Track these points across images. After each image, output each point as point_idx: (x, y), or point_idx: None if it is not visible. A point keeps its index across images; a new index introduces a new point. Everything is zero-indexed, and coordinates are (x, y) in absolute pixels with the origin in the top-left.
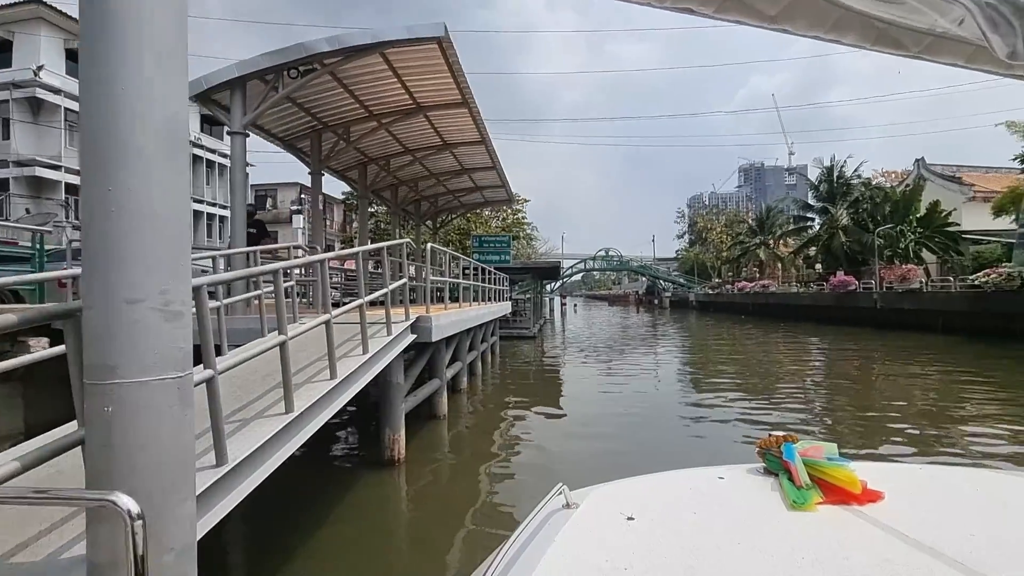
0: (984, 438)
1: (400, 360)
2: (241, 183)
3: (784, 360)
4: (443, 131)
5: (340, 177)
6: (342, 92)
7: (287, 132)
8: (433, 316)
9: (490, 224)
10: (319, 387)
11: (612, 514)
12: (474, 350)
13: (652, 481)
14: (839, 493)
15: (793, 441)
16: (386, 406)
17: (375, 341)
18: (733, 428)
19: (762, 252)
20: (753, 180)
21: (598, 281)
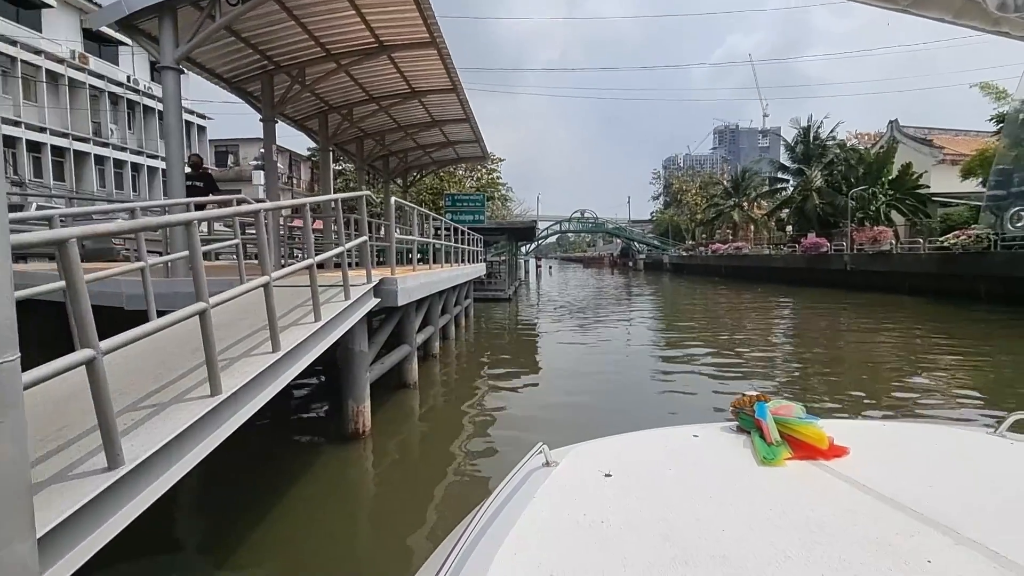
0: (938, 394)
1: (363, 326)
2: (176, 127)
3: (754, 322)
4: (410, 76)
5: (299, 127)
6: (294, 26)
7: (233, 72)
8: (399, 278)
9: (464, 184)
10: (258, 362)
11: (590, 471)
12: (447, 313)
13: (629, 439)
14: (807, 449)
15: (765, 400)
16: (348, 376)
17: (330, 307)
18: (705, 387)
19: (736, 214)
20: (727, 142)
21: (573, 243)
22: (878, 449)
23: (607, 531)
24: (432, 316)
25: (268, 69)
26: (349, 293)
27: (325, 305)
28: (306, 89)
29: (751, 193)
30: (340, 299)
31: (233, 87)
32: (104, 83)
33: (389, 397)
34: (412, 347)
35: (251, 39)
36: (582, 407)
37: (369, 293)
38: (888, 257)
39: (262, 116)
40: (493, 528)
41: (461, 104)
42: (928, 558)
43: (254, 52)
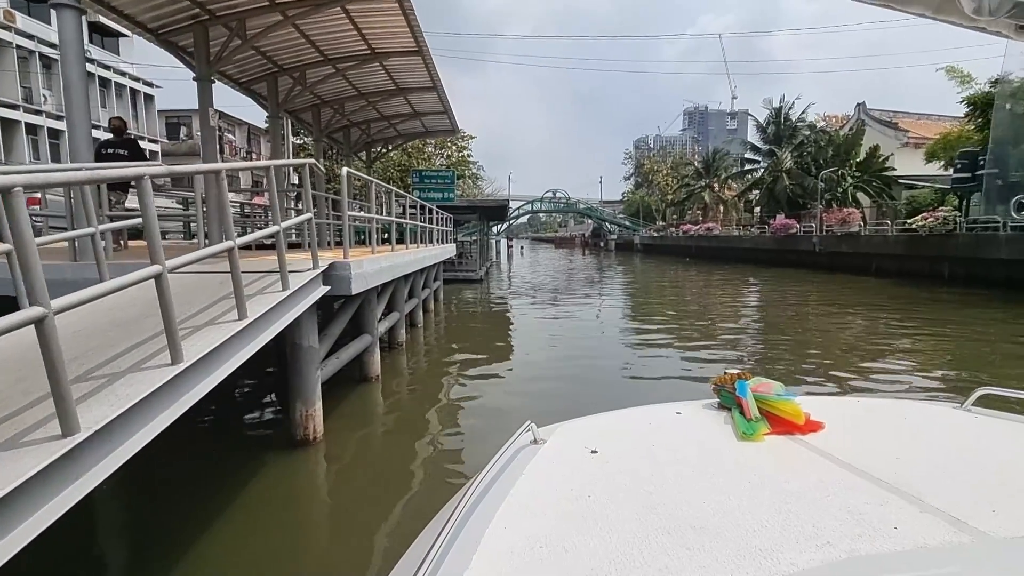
0: (905, 371)
1: (311, 318)
2: (78, 79)
3: (724, 302)
4: (370, 34)
5: (244, 90)
6: None
7: (159, 22)
8: (353, 262)
9: (434, 161)
10: (150, 379)
11: (577, 448)
12: (415, 298)
13: (614, 417)
14: (785, 424)
15: (746, 379)
16: (295, 375)
17: (263, 299)
18: (676, 368)
19: (707, 195)
20: (697, 124)
21: (544, 224)
22: (851, 424)
23: (593, 505)
24: (397, 302)
25: (201, 19)
26: (287, 282)
27: (258, 297)
28: (248, 44)
29: (722, 174)
30: (276, 289)
31: (160, 39)
32: (35, 44)
33: (347, 394)
34: (374, 337)
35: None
36: (557, 394)
37: (316, 280)
38: (856, 238)
39: (195, 75)
40: (483, 504)
41: (428, 70)
42: (895, 525)
43: None
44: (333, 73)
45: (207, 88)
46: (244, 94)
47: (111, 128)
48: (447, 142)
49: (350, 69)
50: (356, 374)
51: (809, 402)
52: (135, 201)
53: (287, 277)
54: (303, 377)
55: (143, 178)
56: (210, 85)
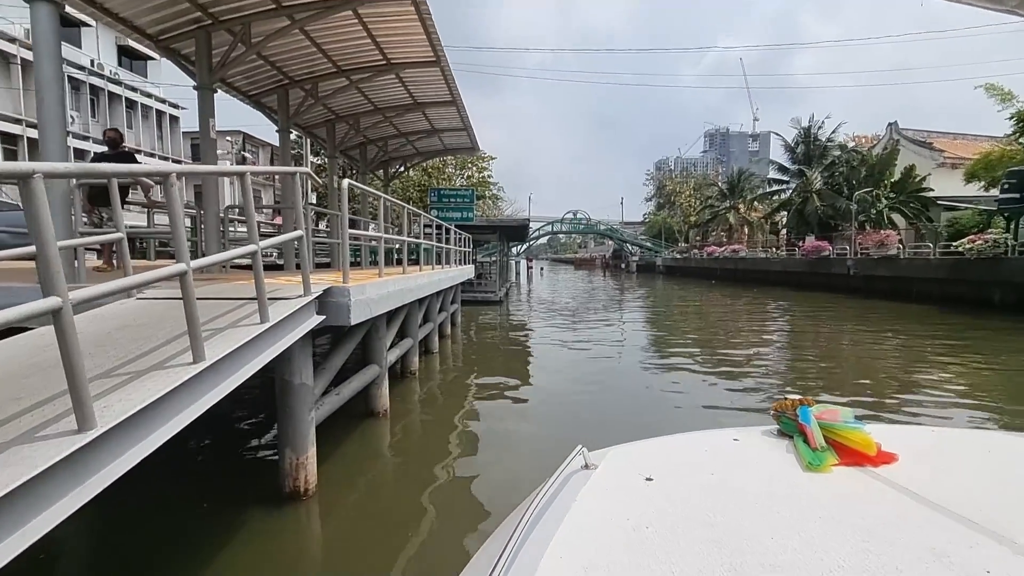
0: (966, 401)
1: (304, 350)
2: (52, 77)
3: (755, 326)
4: (384, 43)
5: (254, 103)
6: None
7: (159, 28)
8: (354, 287)
9: (454, 182)
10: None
11: (631, 475)
12: (430, 322)
13: (668, 442)
14: (854, 455)
15: (809, 404)
16: (285, 418)
17: (234, 335)
18: (707, 396)
19: (732, 216)
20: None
21: (564, 244)
22: (928, 455)
23: (653, 536)
24: (410, 327)
25: (203, 23)
26: (266, 312)
27: (230, 331)
28: (252, 50)
29: (747, 195)
30: (253, 320)
31: (159, 46)
32: (64, 66)
33: (350, 432)
34: (382, 368)
35: None
36: (582, 427)
37: (307, 309)
38: (895, 261)
39: (196, 83)
40: (538, 530)
41: (446, 82)
42: (987, 569)
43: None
44: (347, 85)
45: (208, 97)
46: (253, 107)
47: (106, 140)
48: (468, 162)
49: (365, 81)
50: (361, 408)
51: (879, 431)
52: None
53: (266, 307)
54: (294, 420)
55: (170, 175)
56: (211, 94)
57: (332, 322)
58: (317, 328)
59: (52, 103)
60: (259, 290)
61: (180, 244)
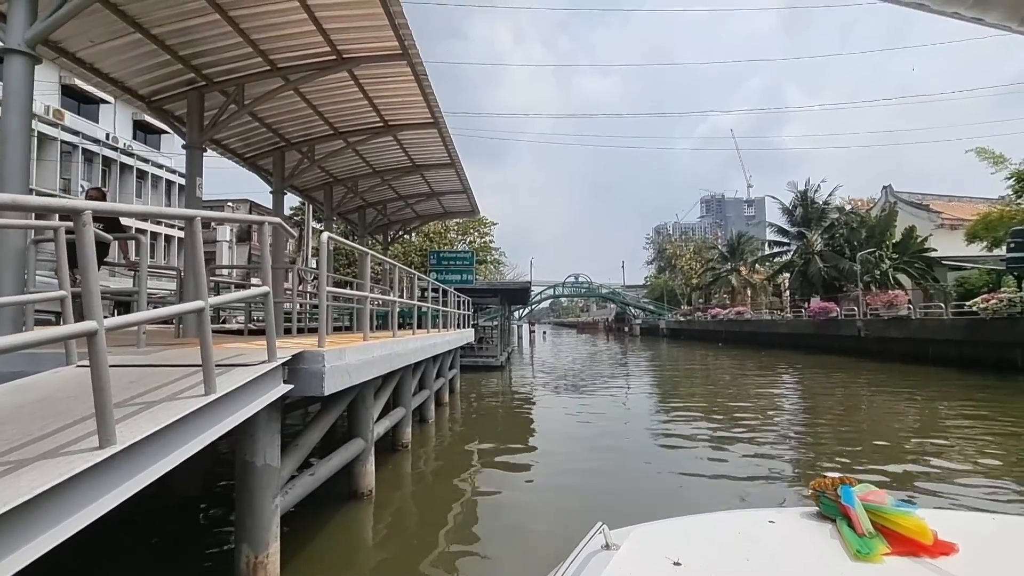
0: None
1: (270, 425)
2: (18, 130)
3: (767, 392)
4: (381, 103)
5: (249, 166)
6: (221, 23)
7: (150, 88)
8: (330, 352)
9: (456, 247)
10: None
11: (656, 558)
12: (425, 389)
13: (696, 522)
14: (907, 543)
15: (851, 484)
16: (243, 506)
17: (167, 410)
18: (719, 469)
19: (734, 278)
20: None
21: (566, 308)
22: (991, 546)
23: None
24: (403, 395)
25: (197, 85)
26: (212, 383)
27: (163, 406)
28: (245, 110)
29: (748, 257)
30: (198, 392)
31: (151, 106)
32: (79, 139)
33: (326, 519)
34: (368, 442)
35: (167, 41)
36: (589, 508)
37: (272, 377)
38: (906, 323)
39: (185, 142)
40: None
41: (444, 144)
42: None
43: (175, 60)
44: (344, 147)
45: (197, 156)
46: (249, 169)
47: (88, 199)
48: (470, 227)
49: (362, 143)
50: (343, 488)
51: (933, 517)
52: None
53: (212, 376)
54: (253, 508)
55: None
56: (200, 153)
57: (302, 392)
58: (292, 399)
59: (15, 157)
60: (205, 355)
61: (91, 299)
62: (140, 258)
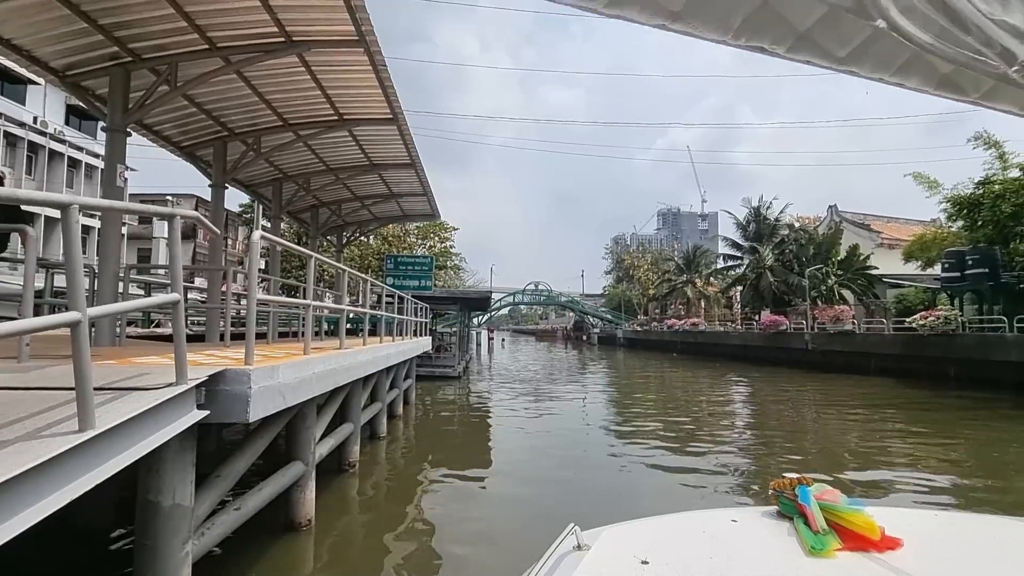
0: (944, 479)
1: (182, 456)
2: None
3: (719, 403)
4: (335, 95)
5: (186, 156)
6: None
7: (67, 62)
8: (258, 371)
9: (415, 251)
10: None
11: (626, 557)
12: (378, 402)
13: (664, 522)
14: (857, 539)
15: (807, 484)
16: (144, 555)
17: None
18: (678, 479)
19: (690, 290)
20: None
21: (525, 316)
22: (934, 541)
23: None
24: (350, 411)
25: (122, 60)
26: (90, 417)
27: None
28: (178, 92)
29: (703, 270)
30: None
31: (64, 81)
32: (1, 122)
33: (254, 557)
34: (308, 465)
35: (84, 6)
36: (549, 527)
37: (181, 402)
38: (851, 337)
39: (105, 124)
40: None
41: (404, 142)
42: None
43: (95, 31)
44: (294, 140)
45: (119, 139)
46: (186, 159)
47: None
48: (430, 232)
49: (314, 137)
50: (279, 517)
51: (881, 514)
52: None
53: (89, 407)
54: (156, 557)
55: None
56: (123, 137)
57: (222, 418)
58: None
59: None
60: (81, 380)
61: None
62: (27, 254)
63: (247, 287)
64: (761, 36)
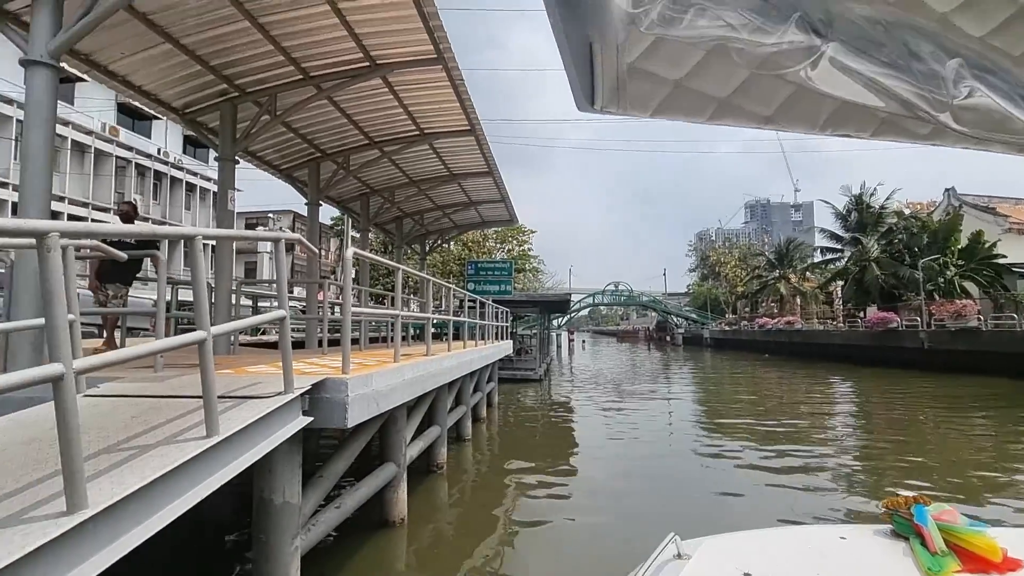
0: None
1: (290, 457)
2: (42, 143)
3: (819, 408)
4: (416, 111)
5: (283, 176)
6: (252, 32)
7: (182, 99)
8: (354, 379)
9: (494, 256)
10: None
11: (728, 569)
12: (462, 405)
13: (768, 536)
14: (978, 561)
15: (924, 503)
16: (260, 548)
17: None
18: (778, 490)
19: (782, 286)
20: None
21: (605, 316)
22: None
23: None
24: (438, 414)
25: (230, 96)
26: (215, 424)
27: (157, 452)
28: (278, 120)
29: (797, 264)
30: (197, 434)
31: (184, 118)
32: (132, 154)
33: (353, 551)
34: (400, 467)
35: (198, 51)
36: (648, 531)
37: (289, 410)
38: (976, 335)
39: (218, 154)
40: None
41: (481, 152)
42: None
43: (207, 71)
44: (379, 157)
45: (229, 168)
46: (285, 180)
47: (119, 213)
48: (508, 236)
49: (398, 152)
50: (374, 516)
51: (1004, 535)
52: None
53: (214, 416)
54: (271, 551)
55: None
56: (232, 165)
57: (323, 424)
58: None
59: (38, 171)
60: (207, 392)
61: (56, 335)
62: (159, 277)
63: (341, 299)
64: (846, 125)
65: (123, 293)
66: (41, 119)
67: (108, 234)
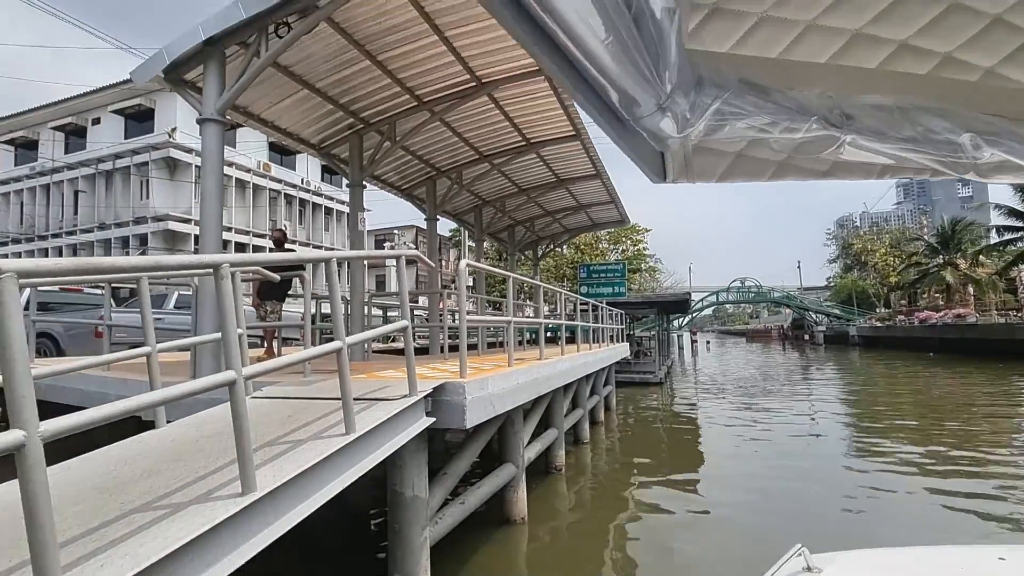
0: None
1: (418, 455)
2: (213, 187)
3: (997, 412)
4: (522, 122)
5: (403, 195)
6: (371, 68)
7: (316, 132)
8: (471, 383)
9: (608, 257)
10: None
11: None
12: (579, 408)
13: (913, 554)
14: None
15: None
16: (395, 538)
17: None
18: (927, 503)
19: (949, 274)
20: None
21: (732, 315)
22: None
23: None
24: (554, 417)
25: (357, 128)
26: (352, 423)
27: (308, 446)
28: (397, 145)
29: (967, 248)
30: (338, 431)
31: (320, 152)
32: (282, 186)
33: (477, 546)
34: (518, 468)
35: (329, 92)
36: (772, 544)
37: (413, 411)
38: None
39: (349, 181)
40: None
41: (588, 155)
42: None
43: (337, 109)
44: (489, 170)
45: (358, 193)
46: (406, 199)
47: (273, 239)
48: (622, 236)
49: (506, 164)
50: (495, 514)
51: None
52: None
53: (351, 415)
54: (403, 540)
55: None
56: (361, 190)
57: (444, 424)
58: None
59: (211, 208)
60: (345, 395)
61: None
62: (304, 294)
63: (458, 309)
64: (902, 172)
65: (278, 308)
66: (213, 165)
67: (265, 262)
